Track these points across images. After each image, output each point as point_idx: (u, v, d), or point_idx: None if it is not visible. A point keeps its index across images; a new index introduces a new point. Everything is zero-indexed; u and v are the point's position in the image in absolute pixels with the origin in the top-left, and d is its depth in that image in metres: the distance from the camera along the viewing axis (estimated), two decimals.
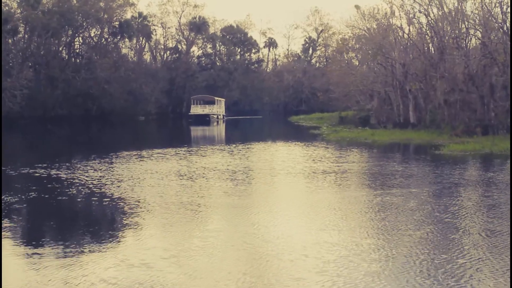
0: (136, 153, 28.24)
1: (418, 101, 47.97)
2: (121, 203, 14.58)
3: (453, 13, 44.85)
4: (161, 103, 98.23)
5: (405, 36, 51.53)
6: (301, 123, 72.87)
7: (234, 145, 34.19)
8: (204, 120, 77.88)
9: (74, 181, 18.40)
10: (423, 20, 48.37)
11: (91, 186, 17.35)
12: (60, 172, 20.45)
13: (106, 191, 16.41)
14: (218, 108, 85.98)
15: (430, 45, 49.05)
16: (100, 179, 18.73)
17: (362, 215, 12.86)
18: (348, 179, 19.18)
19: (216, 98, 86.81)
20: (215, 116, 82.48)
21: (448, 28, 45.66)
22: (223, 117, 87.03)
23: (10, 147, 34.23)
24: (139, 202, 14.66)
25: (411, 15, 48.95)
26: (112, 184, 17.72)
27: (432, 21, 45.82)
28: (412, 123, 46.84)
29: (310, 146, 33.63)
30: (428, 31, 48.02)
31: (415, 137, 37.47)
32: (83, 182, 18.03)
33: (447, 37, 45.30)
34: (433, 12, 46.00)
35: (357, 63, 72.74)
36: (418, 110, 48.30)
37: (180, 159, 25.57)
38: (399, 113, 50.46)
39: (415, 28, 50.38)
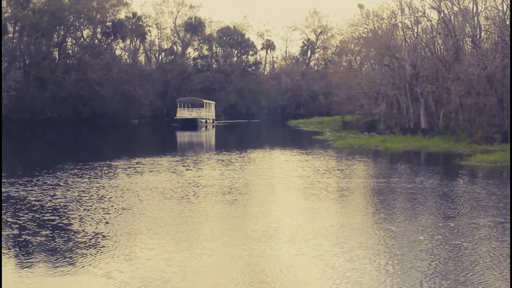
0: (113, 163, 24.30)
1: (429, 105, 44.08)
2: (62, 238, 10.52)
3: (469, 9, 41.16)
4: (156, 106, 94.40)
5: (415, 35, 47.66)
6: (301, 127, 68.91)
7: (227, 154, 30.00)
8: (192, 124, 70.89)
9: (18, 202, 14.43)
10: (435, 17, 44.68)
11: (37, 209, 13.36)
12: (10, 190, 16.49)
13: (51, 218, 12.38)
14: (207, 112, 79.57)
15: (441, 44, 45.20)
16: (55, 199, 14.81)
17: (409, 269, 8.93)
18: (375, 202, 15.13)
19: (205, 101, 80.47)
20: (203, 121, 75.88)
21: (458, 29, 41.90)
22: (213, 122, 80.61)
23: None
24: (89, 236, 10.71)
25: (420, 13, 45.19)
26: (66, 205, 13.77)
27: (446, 17, 42.02)
28: (423, 128, 42.93)
29: (315, 155, 29.64)
30: (440, 29, 44.17)
31: (431, 145, 33.62)
32: (29, 205, 14.02)
33: (461, 35, 41.57)
34: (447, 8, 42.25)
35: (357, 65, 69.05)
36: (428, 115, 44.39)
37: (163, 171, 21.61)
38: (409, 118, 46.50)
39: (426, 26, 46.56)
